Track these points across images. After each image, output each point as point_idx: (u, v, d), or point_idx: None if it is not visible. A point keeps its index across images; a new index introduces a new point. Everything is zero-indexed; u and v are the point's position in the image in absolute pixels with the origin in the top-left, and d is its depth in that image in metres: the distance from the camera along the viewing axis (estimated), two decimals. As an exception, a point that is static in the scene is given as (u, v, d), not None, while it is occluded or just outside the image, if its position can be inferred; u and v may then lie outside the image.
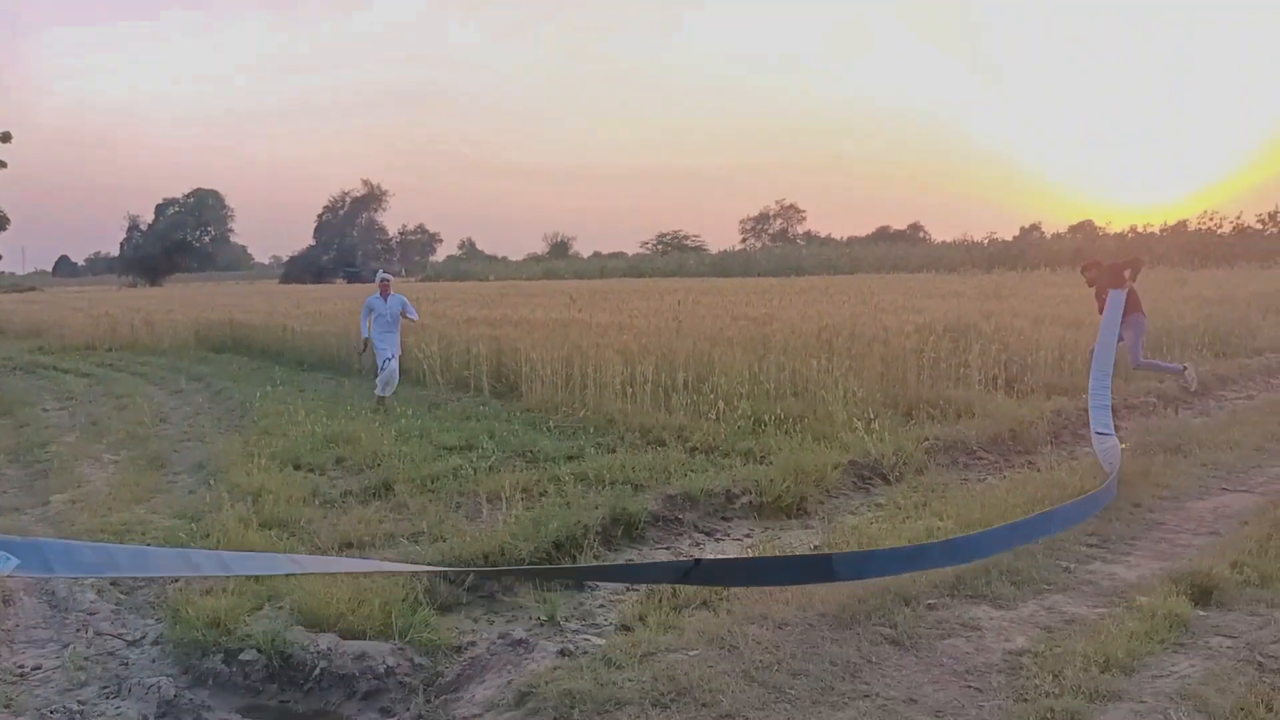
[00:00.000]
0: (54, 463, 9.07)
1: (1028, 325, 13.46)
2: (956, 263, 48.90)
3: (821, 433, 8.99)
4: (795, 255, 66.51)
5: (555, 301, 21.46)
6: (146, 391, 14.78)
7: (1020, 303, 17.69)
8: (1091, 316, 15.04)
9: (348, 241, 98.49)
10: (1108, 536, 5.79)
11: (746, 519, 7.00)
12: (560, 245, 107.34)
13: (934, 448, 8.54)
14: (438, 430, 10.01)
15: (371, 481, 7.88)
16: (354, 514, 6.88)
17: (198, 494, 7.71)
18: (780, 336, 12.41)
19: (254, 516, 6.64)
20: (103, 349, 22.24)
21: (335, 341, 17.46)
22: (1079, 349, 12.48)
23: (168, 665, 4.54)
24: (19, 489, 8.31)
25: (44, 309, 31.68)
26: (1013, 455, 8.82)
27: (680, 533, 6.64)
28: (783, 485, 7.13)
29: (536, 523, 6.01)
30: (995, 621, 4.45)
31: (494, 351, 13.41)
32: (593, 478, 7.45)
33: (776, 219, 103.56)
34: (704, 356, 11.49)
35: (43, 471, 8.73)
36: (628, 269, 71.81)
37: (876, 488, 7.77)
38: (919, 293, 22.18)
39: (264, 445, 9.41)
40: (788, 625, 4.36)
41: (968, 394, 10.48)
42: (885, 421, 9.09)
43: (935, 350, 11.41)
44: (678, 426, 9.49)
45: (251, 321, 21.89)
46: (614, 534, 6.32)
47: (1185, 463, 7.73)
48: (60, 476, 8.46)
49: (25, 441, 10.44)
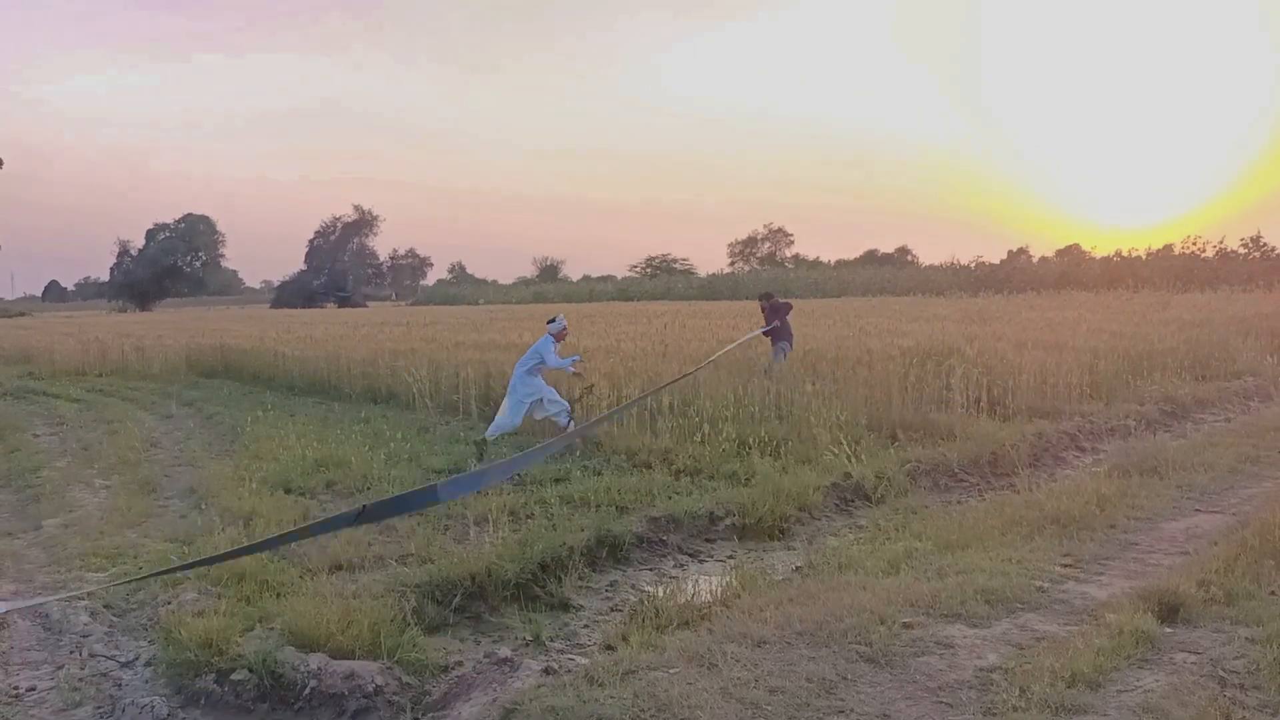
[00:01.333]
0: (46, 487, 9.13)
1: (1010, 349, 13.64)
2: (944, 286, 49.42)
3: (805, 455, 9.13)
4: (783, 278, 66.98)
5: (543, 326, 21.58)
6: (137, 417, 14.83)
7: (1004, 326, 17.91)
8: (1073, 339, 15.35)
9: (339, 266, 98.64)
10: (1082, 557, 5.93)
11: (729, 540, 7.12)
12: (550, 269, 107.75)
13: (916, 470, 8.68)
14: (426, 453, 10.12)
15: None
16: (343, 536, 6.96)
17: (189, 518, 7.80)
18: (765, 360, 12.56)
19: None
20: (93, 374, 22.26)
21: (325, 366, 17.56)
22: (1061, 372, 12.69)
23: (161, 686, 4.62)
24: (11, 513, 8.37)
25: (34, 334, 31.67)
26: (993, 477, 8.97)
27: (664, 554, 6.76)
28: (765, 507, 7.26)
29: (522, 544, 6.13)
30: (969, 639, 4.58)
31: (482, 375, 13.54)
32: (578, 500, 7.57)
33: (765, 242, 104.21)
34: (689, 380, 11.62)
35: (35, 496, 8.80)
36: (616, 292, 72.14)
37: (859, 509, 7.91)
38: (905, 316, 22.41)
39: (255, 469, 9.49)
40: (766, 643, 4.48)
41: (950, 417, 10.64)
42: (868, 444, 9.26)
43: (919, 374, 11.58)
44: (663, 449, 9.62)
45: (242, 346, 21.95)
46: (599, 555, 6.44)
47: (1160, 484, 7.88)
48: (52, 501, 8.53)
49: (17, 467, 10.49)
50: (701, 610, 5.13)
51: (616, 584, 6.19)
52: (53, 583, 6.10)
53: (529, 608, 5.65)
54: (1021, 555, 5.82)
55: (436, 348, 17.19)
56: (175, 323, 40.72)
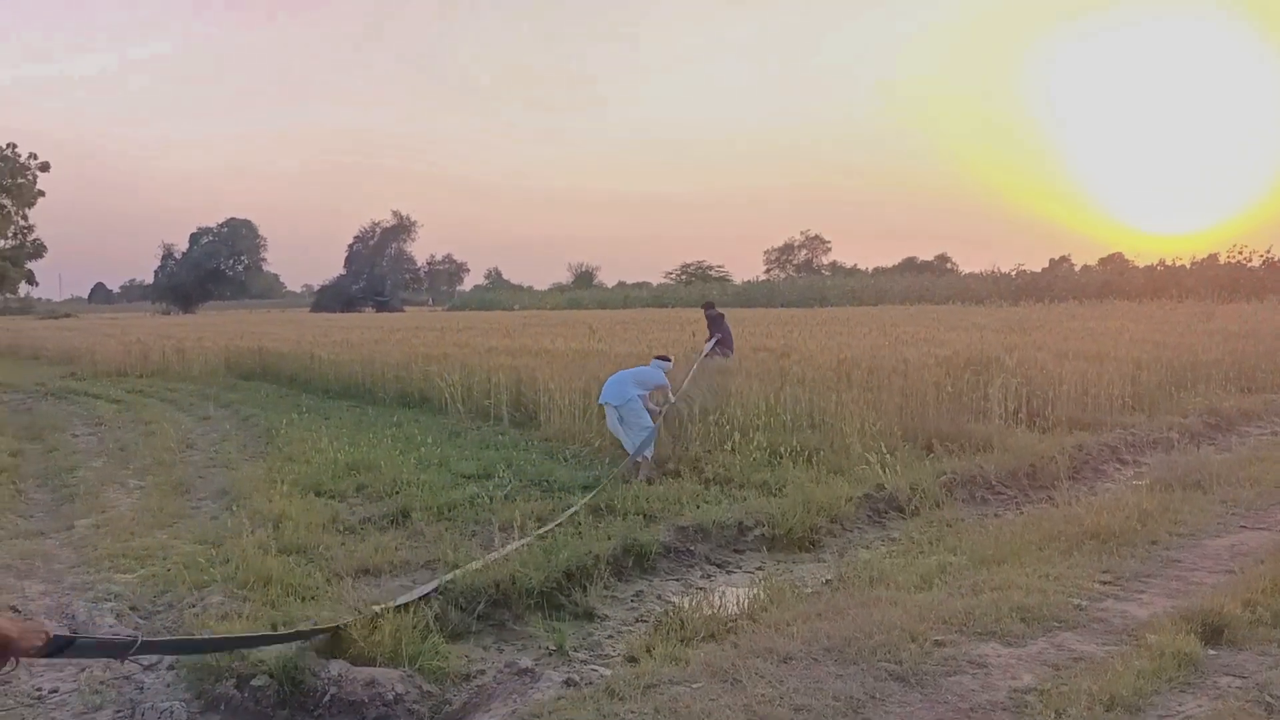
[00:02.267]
0: (80, 487, 9.23)
1: (1051, 359, 13.39)
2: (983, 294, 48.83)
3: (837, 465, 9.00)
4: (820, 286, 66.60)
5: (576, 332, 21.60)
6: (174, 418, 14.99)
7: (1044, 335, 17.61)
8: (1116, 350, 15.05)
9: (377, 271, 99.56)
10: (1122, 574, 5.75)
11: (758, 552, 7.00)
12: (585, 275, 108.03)
13: (951, 482, 8.51)
14: (456, 458, 10.10)
15: (390, 509, 7.96)
16: (371, 541, 6.95)
17: (220, 519, 7.83)
18: (799, 368, 12.42)
19: (273, 542, 6.73)
20: (134, 375, 22.57)
21: (360, 370, 17.66)
22: (1102, 383, 12.43)
23: (181, 690, 4.60)
24: (45, 513, 8.46)
25: (78, 335, 32.20)
26: (1031, 490, 8.77)
27: (691, 564, 6.66)
28: (795, 518, 7.13)
29: (548, 552, 6.06)
30: (1003, 659, 4.44)
31: (514, 381, 13.52)
32: (605, 508, 7.49)
33: (801, 249, 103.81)
34: (720, 386, 11.52)
35: (69, 496, 8.89)
36: (651, 299, 72.10)
37: (892, 521, 7.76)
38: (943, 324, 22.12)
39: (287, 472, 9.53)
40: (793, 659, 4.37)
41: (987, 428, 10.43)
42: (903, 455, 9.09)
43: (955, 383, 11.38)
44: (693, 458, 9.53)
45: (280, 349, 22.16)
46: (625, 564, 6.36)
47: (1204, 499, 7.66)
48: (85, 501, 8.61)
49: (54, 466, 10.62)
50: (727, 623, 5.03)
51: (642, 594, 6.10)
52: (80, 584, 6.13)
53: (553, 616, 5.58)
54: (1059, 571, 5.65)
55: (469, 353, 17.24)
56: (216, 325, 41.28)
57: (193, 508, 8.55)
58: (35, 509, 8.69)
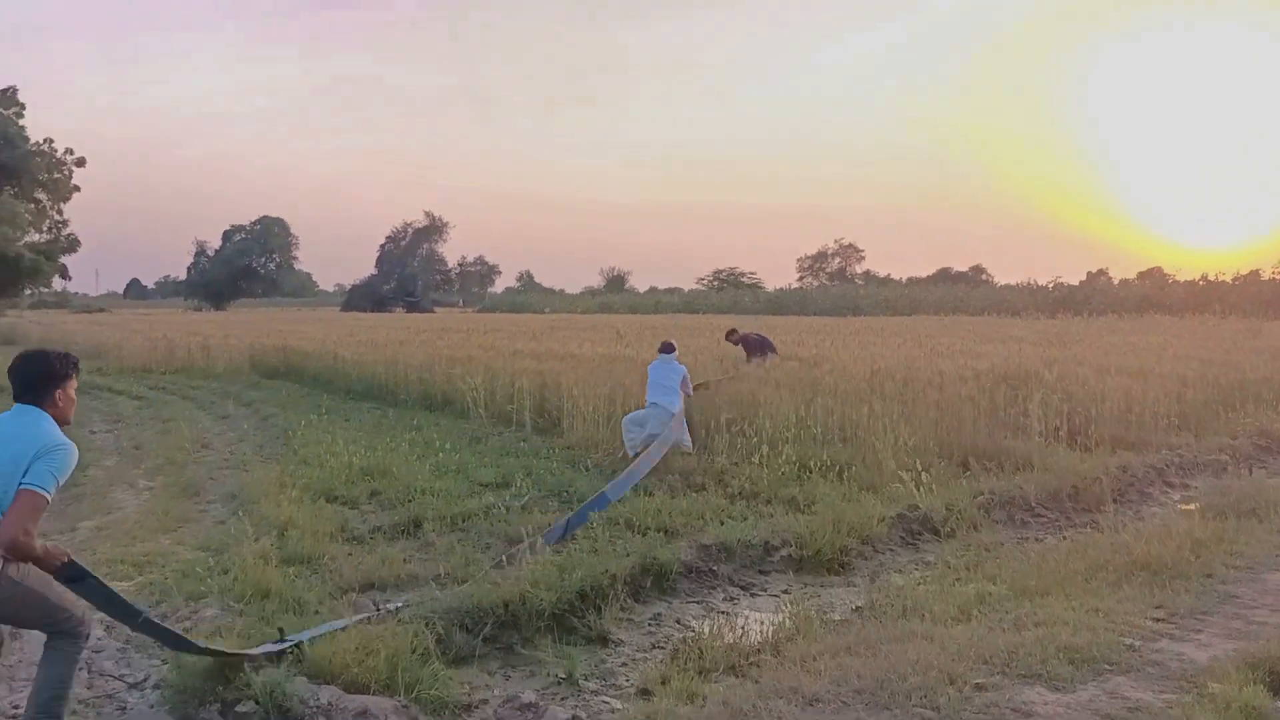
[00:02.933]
0: (89, 487, 9.03)
1: (1092, 374, 12.88)
2: (1020, 306, 48.00)
3: (869, 482, 8.61)
4: (853, 295, 65.88)
5: (603, 336, 21.29)
6: (194, 416, 14.85)
7: (1085, 350, 17.06)
8: (1159, 366, 14.51)
9: (408, 271, 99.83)
10: (1176, 610, 5.34)
11: (785, 573, 6.64)
12: (616, 279, 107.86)
13: (989, 502, 8.10)
14: (475, 465, 9.82)
15: (401, 518, 7.67)
16: (379, 552, 6.66)
17: (226, 524, 7.58)
18: (830, 379, 12.02)
19: (277, 552, 6.46)
20: (159, 371, 22.56)
21: (383, 371, 17.45)
22: (1147, 401, 11.93)
23: (164, 712, 4.33)
24: (51, 514, 8.14)
25: (107, 330, 32.35)
26: (1074, 513, 8.34)
27: (714, 585, 6.31)
28: (824, 538, 6.76)
29: (562, 570, 5.72)
30: (1050, 706, 4.06)
31: (537, 386, 13.22)
32: (624, 522, 7.16)
33: (835, 258, 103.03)
34: (748, 397, 11.16)
35: (77, 496, 8.68)
36: (682, 305, 71.70)
37: (926, 544, 7.37)
38: (979, 336, 21.59)
39: (300, 475, 9.29)
40: (819, 701, 4.01)
41: (1027, 445, 9.99)
42: (937, 472, 8.68)
43: (993, 398, 10.95)
44: (719, 470, 9.18)
45: (304, 348, 22.04)
46: (643, 584, 6.02)
47: (1261, 528, 7.20)
48: (92, 502, 8.41)
49: (67, 464, 10.44)
50: (749, 654, 4.68)
51: (660, 617, 5.75)
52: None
53: (565, 640, 5.25)
54: (1108, 606, 5.24)
55: (494, 355, 16.97)
56: (244, 322, 41.38)
57: (200, 511, 8.31)
58: (43, 508, 8.48)
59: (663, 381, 10.20)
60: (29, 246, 44.06)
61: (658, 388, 10.19)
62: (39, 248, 44.54)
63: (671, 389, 10.13)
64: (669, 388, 10.14)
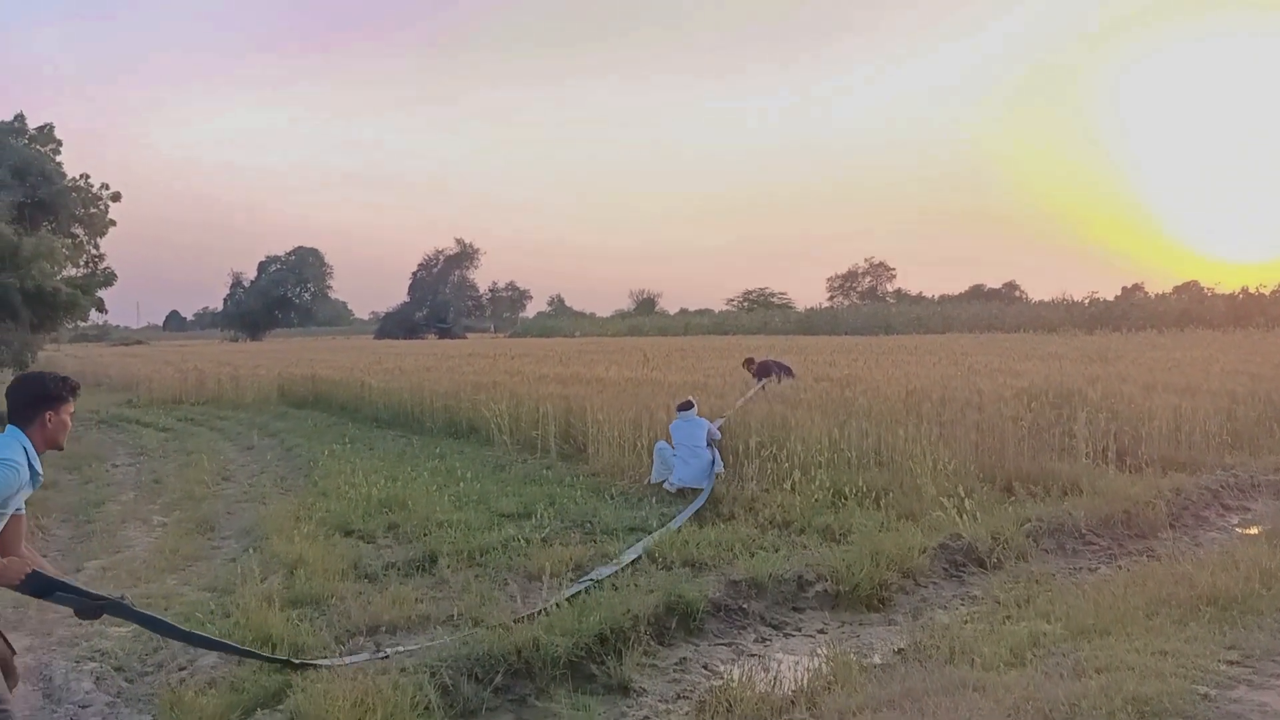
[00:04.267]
0: (103, 524, 8.81)
1: (1138, 392, 12.35)
2: (1055, 323, 47.11)
3: (908, 509, 8.19)
4: (884, 313, 65.11)
5: (630, 359, 20.95)
6: (219, 447, 14.68)
7: (1128, 367, 16.46)
8: (1207, 382, 13.94)
9: (440, 298, 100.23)
10: (1250, 651, 4.87)
11: (820, 610, 6.23)
12: (647, 302, 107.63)
13: (1037, 530, 7.63)
14: (497, 495, 9.50)
15: (417, 553, 7.36)
16: (391, 591, 6.33)
17: (237, 563, 7.30)
18: (864, 400, 11.59)
19: (284, 593, 6.17)
20: (189, 403, 22.54)
21: (409, 398, 17.24)
22: (1197, 418, 11.38)
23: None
24: (60, 551, 8.01)
25: (140, 363, 32.52)
26: (1127, 540, 7.85)
27: (744, 625, 5.91)
28: (862, 572, 6.34)
29: (579, 613, 5.35)
30: (1119, 765, 3.63)
31: (563, 411, 12.90)
32: (648, 555, 6.79)
33: (865, 277, 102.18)
34: (779, 419, 10.75)
35: (87, 534, 8.46)
36: (712, 326, 71.27)
37: (971, 576, 6.92)
38: (1016, 354, 21.01)
39: (317, 508, 9.03)
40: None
41: (1074, 468, 9.50)
42: (980, 497, 8.25)
43: (1036, 418, 10.46)
44: (749, 498, 8.79)
45: (332, 377, 21.92)
46: (668, 625, 5.63)
47: (1334, 556, 6.68)
48: (101, 540, 8.17)
49: (84, 499, 10.26)
50: (782, 708, 4.28)
51: (686, 662, 5.36)
52: (69, 637, 5.61)
53: (582, 689, 4.88)
54: (1175, 647, 4.79)
55: (519, 381, 16.69)
56: (277, 352, 41.55)
57: (213, 548, 8.04)
58: (52, 546, 8.25)
59: (688, 440, 9.69)
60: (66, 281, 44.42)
61: (684, 446, 9.66)
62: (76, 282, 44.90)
63: (698, 445, 9.64)
64: (695, 445, 9.64)
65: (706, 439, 9.74)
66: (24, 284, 42.15)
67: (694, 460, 9.56)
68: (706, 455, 9.62)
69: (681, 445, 9.72)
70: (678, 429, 9.90)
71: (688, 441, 9.70)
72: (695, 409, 10.17)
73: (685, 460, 9.60)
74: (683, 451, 9.67)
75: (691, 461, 9.57)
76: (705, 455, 9.61)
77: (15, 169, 43.88)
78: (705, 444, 9.68)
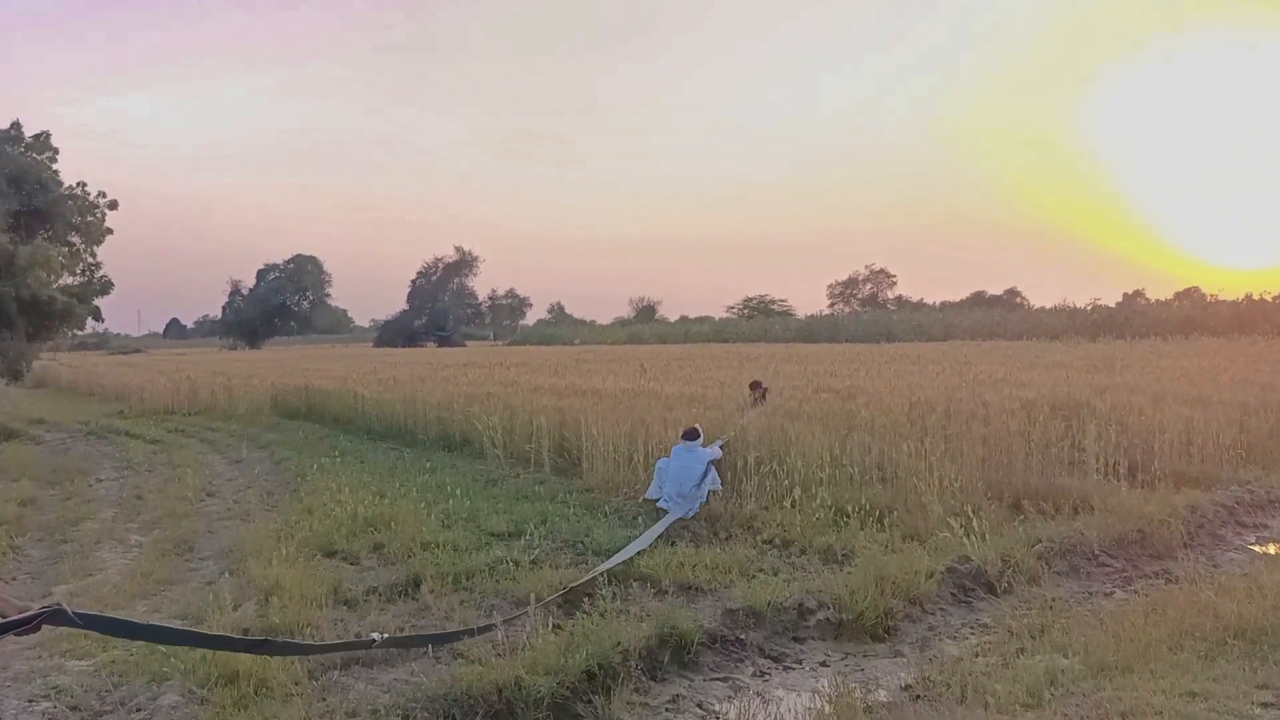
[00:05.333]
0: (78, 544, 8.49)
1: (1147, 403, 12.02)
2: (1058, 330, 46.88)
3: (913, 528, 7.87)
4: (885, 321, 64.80)
5: (627, 370, 20.61)
6: (207, 460, 14.35)
7: (1135, 376, 16.14)
8: (1217, 392, 13.62)
9: (439, 306, 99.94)
10: (1284, 688, 4.55)
11: (822, 640, 5.91)
12: (646, 309, 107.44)
13: (1048, 551, 7.30)
14: (487, 512, 9.19)
15: (400, 576, 7.04)
16: (370, 620, 6.02)
17: (216, 585, 6.98)
18: (866, 412, 11.26)
19: (257, 622, 5.86)
20: (181, 413, 22.21)
21: (401, 410, 16.91)
22: (1210, 431, 11.06)
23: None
24: (30, 575, 7.69)
25: (134, 372, 32.19)
26: (1141, 561, 7.53)
27: (742, 657, 5.58)
28: (866, 600, 6.01)
29: (565, 649, 5.02)
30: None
31: (557, 424, 12.57)
32: (640, 579, 6.48)
33: (866, 283, 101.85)
34: (779, 433, 10.43)
35: (59, 556, 8.13)
36: (712, 334, 71.01)
37: (980, 601, 6.59)
38: (1021, 363, 20.69)
39: (300, 527, 8.72)
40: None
41: (1084, 484, 9.19)
42: (988, 516, 7.91)
43: (1044, 431, 10.14)
44: (747, 516, 8.48)
45: (325, 387, 21.58)
46: (660, 659, 5.30)
47: (1362, 580, 6.35)
48: (74, 562, 7.84)
49: (62, 517, 9.94)
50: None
51: (679, 700, 5.03)
52: (26, 672, 5.27)
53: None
54: (1204, 687, 4.46)
55: (513, 392, 16.35)
56: (274, 361, 41.23)
57: (190, 570, 7.71)
58: (23, 569, 7.94)
59: (682, 476, 9.01)
60: (62, 290, 44.21)
61: (675, 483, 9.00)
62: (72, 290, 44.66)
63: (692, 484, 8.96)
64: (688, 483, 8.95)
65: (702, 473, 9.07)
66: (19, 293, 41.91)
67: (682, 500, 8.90)
68: (693, 497, 8.96)
69: (673, 481, 9.08)
70: (677, 455, 9.28)
71: (677, 476, 9.05)
72: (701, 439, 9.42)
73: (673, 498, 8.95)
74: (671, 488, 9.04)
75: (679, 501, 8.90)
76: (691, 496, 8.95)
77: (11, 176, 43.65)
78: (697, 484, 9.00)
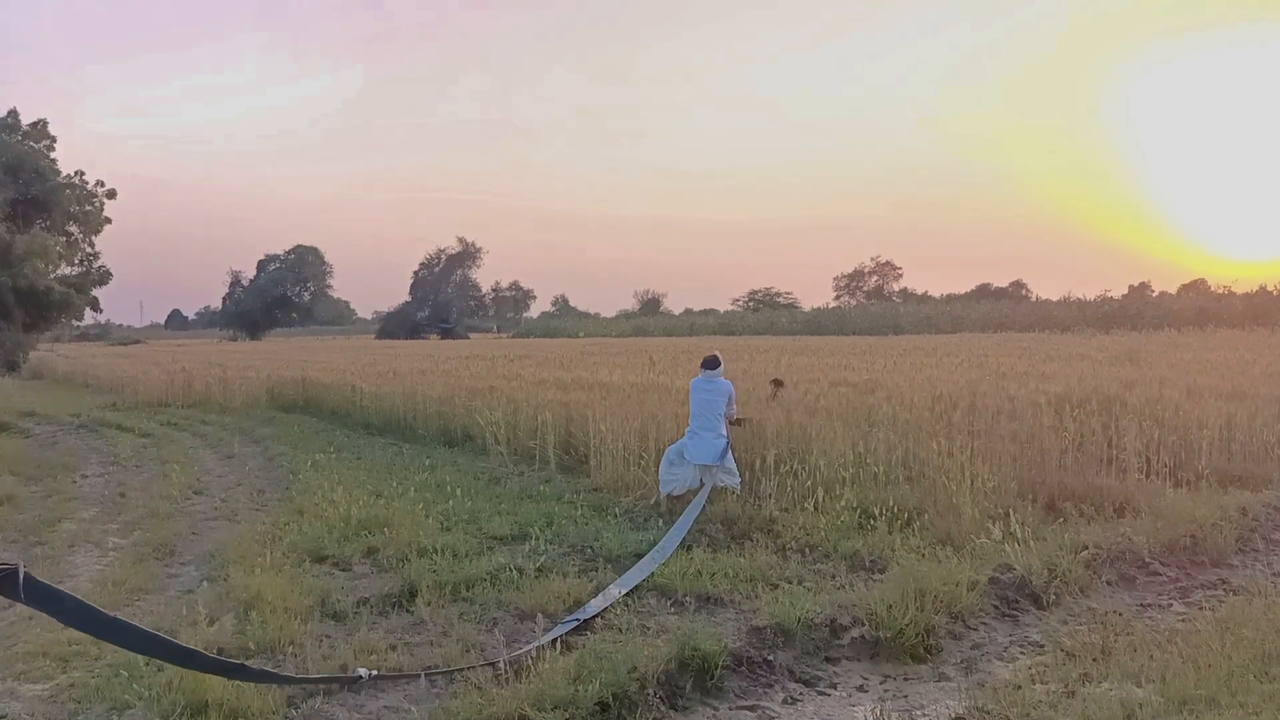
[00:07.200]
0: (47, 548, 7.95)
1: (1182, 397, 11.44)
2: (1068, 322, 46.26)
3: (945, 533, 7.31)
4: (892, 313, 64.25)
5: (635, 362, 20.05)
6: (198, 455, 13.83)
7: (1162, 369, 15.54)
8: (1251, 386, 13.04)
9: (442, 298, 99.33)
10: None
11: (858, 660, 5.34)
12: (651, 302, 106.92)
13: (1095, 559, 6.73)
14: (489, 514, 8.66)
15: (395, 585, 6.50)
16: (359, 637, 5.48)
17: (194, 594, 6.46)
18: (888, 407, 10.71)
19: (234, 639, 5.32)
20: (175, 405, 21.69)
21: (401, 404, 16.37)
22: (1253, 427, 10.47)
23: None
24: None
25: (130, 363, 31.63)
26: (1196, 569, 6.95)
27: (770, 681, 5.01)
28: (906, 616, 5.45)
29: (574, 678, 4.46)
30: None
31: (563, 420, 12.01)
32: (657, 589, 5.93)
33: (871, 276, 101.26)
34: (798, 430, 9.87)
35: (29, 560, 7.57)
36: (718, 326, 70.43)
37: (1026, 615, 6.02)
38: (1037, 355, 20.11)
39: (289, 530, 8.22)
40: None
41: (1124, 484, 8.62)
42: (1024, 518, 7.35)
43: (1079, 428, 9.57)
44: (767, 518, 7.93)
45: (322, 380, 21.04)
46: (681, 685, 4.74)
47: None
48: (45, 567, 7.27)
49: (41, 517, 9.39)
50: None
51: (702, 733, 4.49)
52: (-28, 699, 4.73)
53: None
54: (1306, 725, 3.91)
55: (518, 385, 15.80)
56: (272, 352, 40.71)
57: (168, 577, 7.17)
58: (-10, 575, 7.39)
59: (705, 410, 8.88)
60: (60, 280, 43.81)
61: (699, 416, 8.89)
62: (70, 281, 44.35)
63: (715, 416, 8.85)
64: (712, 416, 8.84)
65: (726, 405, 8.92)
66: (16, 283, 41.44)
67: (706, 434, 8.72)
68: (721, 429, 8.78)
69: (696, 415, 8.86)
70: (696, 388, 9.02)
71: (703, 411, 8.82)
72: (721, 368, 9.16)
73: (696, 432, 8.78)
74: (696, 422, 8.82)
75: (704, 434, 8.73)
76: (720, 433, 8.76)
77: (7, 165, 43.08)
78: (721, 414, 8.83)
